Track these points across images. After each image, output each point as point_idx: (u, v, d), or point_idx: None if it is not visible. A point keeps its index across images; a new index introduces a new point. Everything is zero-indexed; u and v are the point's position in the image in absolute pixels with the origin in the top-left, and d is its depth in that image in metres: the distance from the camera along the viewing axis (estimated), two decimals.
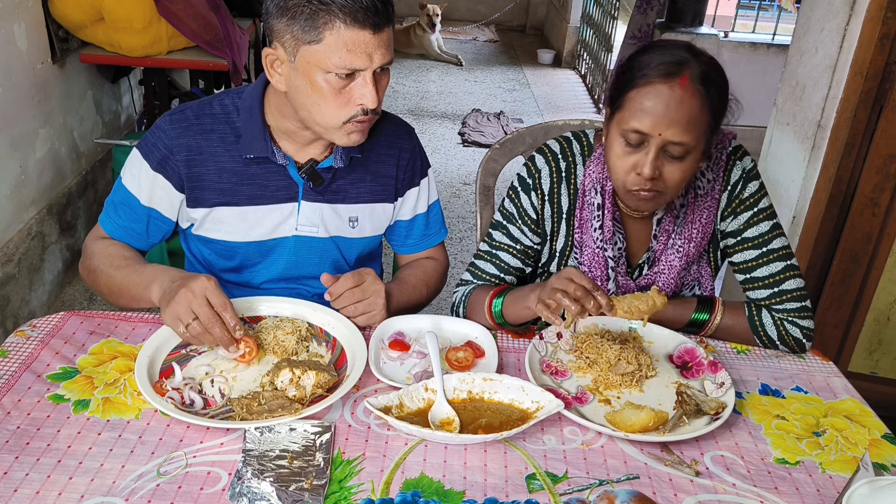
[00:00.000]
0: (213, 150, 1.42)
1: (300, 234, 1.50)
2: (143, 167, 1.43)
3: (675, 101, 1.23)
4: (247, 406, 1.17)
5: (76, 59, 3.16)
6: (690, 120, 1.24)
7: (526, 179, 1.50)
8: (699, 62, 1.25)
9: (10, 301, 2.69)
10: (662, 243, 1.47)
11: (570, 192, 1.49)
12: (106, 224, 1.48)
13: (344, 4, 1.20)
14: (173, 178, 1.42)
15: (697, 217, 1.45)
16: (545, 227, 1.52)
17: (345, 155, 1.45)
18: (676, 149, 1.26)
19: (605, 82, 5.80)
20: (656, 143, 1.26)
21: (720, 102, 1.28)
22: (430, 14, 7.04)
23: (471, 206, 4.12)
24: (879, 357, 2.51)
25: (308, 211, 1.48)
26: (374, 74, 1.28)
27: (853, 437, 1.23)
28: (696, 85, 1.23)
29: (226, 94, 1.45)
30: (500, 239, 1.53)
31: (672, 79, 1.23)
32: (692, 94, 1.23)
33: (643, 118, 1.25)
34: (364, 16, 1.21)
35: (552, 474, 1.10)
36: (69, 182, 3.16)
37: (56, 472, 1.04)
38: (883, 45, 2.12)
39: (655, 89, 1.24)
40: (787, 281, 1.44)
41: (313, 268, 1.53)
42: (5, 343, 1.30)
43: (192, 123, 1.41)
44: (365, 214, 1.54)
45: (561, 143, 1.51)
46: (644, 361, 1.33)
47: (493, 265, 1.53)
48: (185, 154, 1.41)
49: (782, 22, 5.18)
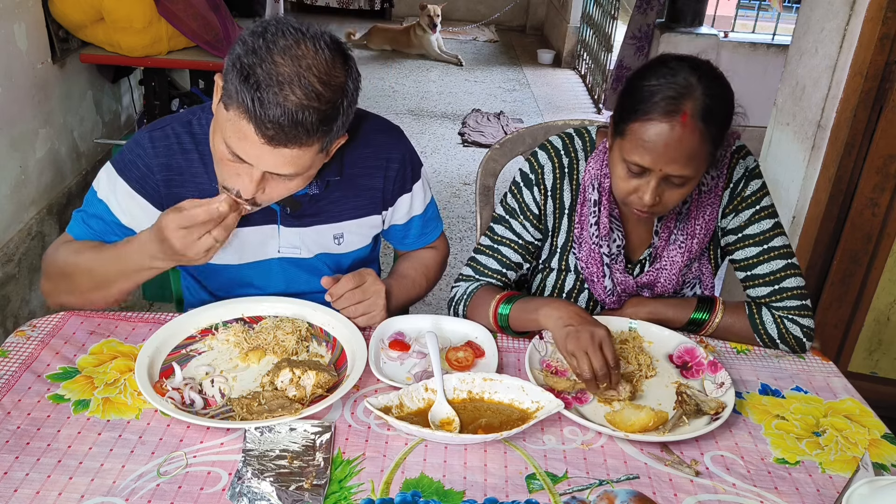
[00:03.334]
0: (193, 171, 1.35)
1: (284, 255, 1.45)
2: (120, 185, 1.35)
3: (675, 139, 1.23)
4: (247, 406, 1.17)
5: (76, 59, 3.16)
6: (691, 155, 1.24)
7: (528, 175, 1.50)
8: (703, 91, 1.22)
9: (10, 301, 2.69)
10: (664, 239, 1.48)
11: (573, 187, 1.50)
12: (80, 237, 1.37)
13: (253, 99, 1.09)
14: (153, 196, 1.35)
15: (700, 213, 1.45)
16: (547, 223, 1.52)
17: (321, 181, 1.38)
18: (677, 179, 1.27)
19: (605, 82, 5.80)
20: (657, 176, 1.27)
21: (721, 131, 1.27)
22: (430, 14, 7.04)
23: (471, 206, 4.12)
24: (879, 357, 2.51)
25: (288, 235, 1.43)
26: (263, 173, 1.18)
27: (853, 437, 1.23)
28: (696, 122, 1.22)
29: (201, 111, 1.37)
30: (502, 233, 1.52)
31: (672, 117, 1.22)
32: (692, 132, 1.22)
33: (644, 154, 1.25)
34: (261, 123, 1.10)
35: (552, 474, 1.10)
36: (69, 182, 3.16)
37: (56, 472, 1.04)
38: (883, 45, 2.12)
39: (656, 127, 1.23)
40: (787, 279, 1.44)
41: (304, 284, 1.49)
42: (5, 343, 1.30)
43: (173, 143, 1.35)
44: (350, 230, 1.48)
45: (563, 140, 1.51)
46: (644, 361, 1.33)
47: (495, 260, 1.53)
48: (164, 174, 1.34)
49: (782, 22, 5.17)
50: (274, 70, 1.09)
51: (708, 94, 1.23)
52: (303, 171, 1.20)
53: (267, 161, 1.16)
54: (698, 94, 1.22)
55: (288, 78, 1.10)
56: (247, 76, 1.10)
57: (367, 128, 1.46)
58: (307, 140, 1.14)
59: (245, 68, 1.10)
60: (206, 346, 1.33)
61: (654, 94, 1.23)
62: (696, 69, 1.25)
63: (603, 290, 1.51)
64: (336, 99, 1.15)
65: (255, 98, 1.09)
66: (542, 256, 1.57)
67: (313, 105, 1.11)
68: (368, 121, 1.47)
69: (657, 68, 1.26)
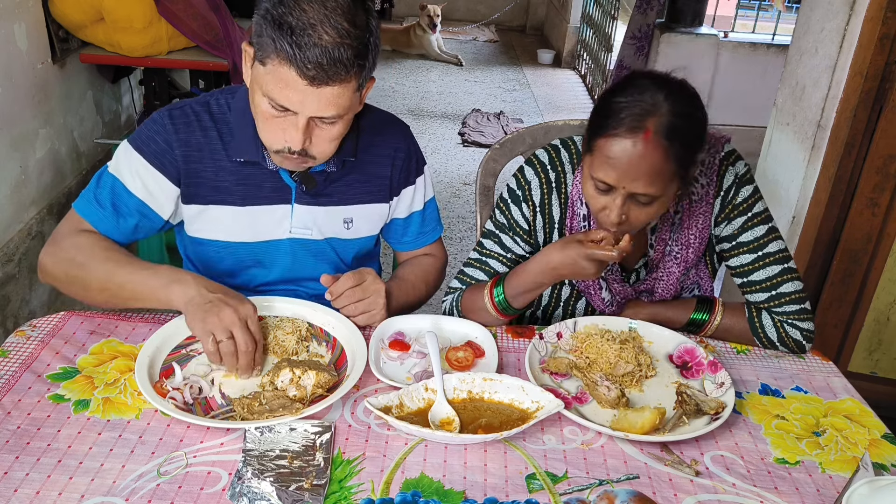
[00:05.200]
0: (212, 148, 1.41)
1: (294, 236, 1.49)
2: (135, 158, 1.39)
3: (638, 155, 1.22)
4: (248, 406, 1.17)
5: (76, 59, 3.16)
6: (653, 173, 1.24)
7: (516, 191, 1.50)
8: (669, 109, 1.22)
9: (10, 301, 2.69)
10: (660, 252, 1.47)
11: (561, 201, 1.49)
12: (91, 215, 1.40)
13: (291, 44, 1.17)
14: (170, 171, 1.39)
15: (693, 223, 1.44)
16: (537, 238, 1.52)
17: (338, 159, 1.44)
18: (643, 198, 1.27)
19: (605, 82, 5.80)
20: (622, 194, 1.27)
21: (687, 150, 1.26)
22: (430, 14, 7.04)
23: (471, 206, 4.12)
24: (879, 357, 2.51)
25: (301, 214, 1.47)
26: (309, 120, 1.25)
27: (853, 437, 1.23)
28: (659, 139, 1.21)
29: (221, 93, 1.45)
30: (491, 248, 1.52)
31: (636, 133, 1.22)
32: (654, 148, 1.22)
33: (608, 171, 1.26)
34: (302, 65, 1.17)
35: (552, 474, 1.10)
36: (69, 182, 3.16)
37: (56, 472, 1.04)
38: (883, 45, 2.12)
39: (620, 143, 1.23)
40: (784, 284, 1.43)
41: (310, 270, 1.52)
42: (5, 343, 1.30)
43: (192, 120, 1.40)
44: (360, 215, 1.53)
45: (549, 153, 1.50)
46: (644, 361, 1.33)
47: (483, 272, 1.52)
48: (184, 149, 1.39)
49: (782, 22, 5.17)
50: (304, 16, 1.17)
51: (674, 113, 1.22)
52: (344, 111, 1.26)
53: (311, 104, 1.22)
54: (664, 111, 1.22)
55: (318, 20, 1.18)
56: (280, 25, 1.17)
57: (377, 118, 1.53)
58: (346, 76, 1.21)
59: (277, 18, 1.18)
60: None
61: (621, 111, 1.24)
62: (665, 87, 1.24)
63: (601, 301, 1.51)
64: (364, 36, 1.22)
65: (292, 43, 1.17)
66: None
67: (346, 42, 1.19)
68: (377, 113, 1.54)
69: (626, 86, 1.27)
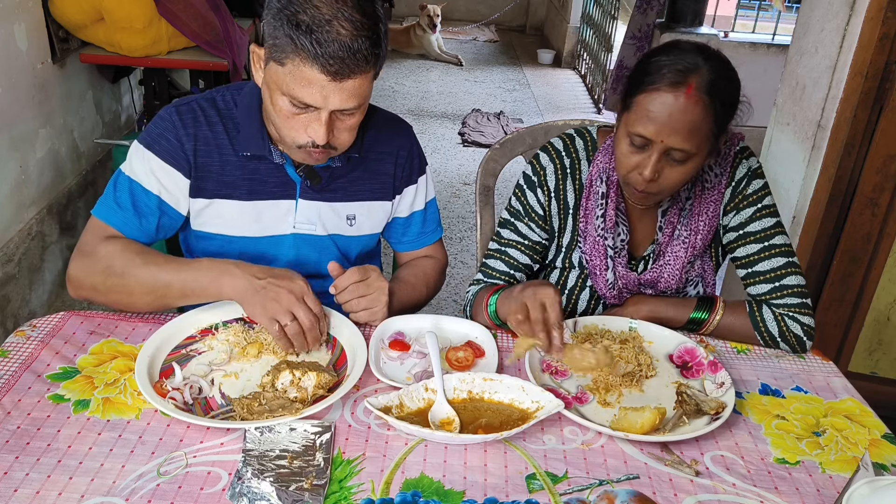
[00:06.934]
0: (218, 142, 1.42)
1: (298, 231, 1.50)
2: (150, 159, 1.40)
3: (679, 110, 1.26)
4: (247, 406, 1.17)
5: (76, 59, 3.16)
6: (693, 129, 1.27)
7: (531, 177, 1.53)
8: (709, 69, 1.27)
9: (10, 301, 2.69)
10: (668, 235, 1.49)
11: (576, 187, 1.52)
12: (114, 219, 1.39)
13: (311, 41, 1.18)
14: (182, 166, 1.41)
15: (704, 210, 1.47)
16: (552, 224, 1.54)
17: (343, 155, 1.45)
18: (678, 154, 1.30)
19: (605, 82, 5.80)
20: (659, 149, 1.29)
21: (725, 110, 1.31)
22: (430, 14, 7.04)
23: (471, 206, 4.12)
24: (879, 357, 2.51)
25: (305, 209, 1.48)
26: (331, 114, 1.27)
27: (853, 437, 1.23)
28: (700, 94, 1.26)
29: (226, 89, 1.46)
30: (509, 236, 1.55)
31: (678, 88, 1.26)
32: (696, 104, 1.26)
33: (647, 124, 1.28)
34: (324, 61, 1.19)
35: (552, 474, 1.10)
36: (69, 182, 3.16)
37: (56, 472, 1.04)
38: (883, 45, 2.12)
39: (661, 97, 1.27)
40: (787, 276, 1.44)
41: (313, 266, 1.53)
42: (5, 343, 1.30)
43: (199, 115, 1.42)
44: (363, 212, 1.54)
45: (564, 141, 1.53)
46: (644, 361, 1.34)
47: (503, 262, 1.54)
48: (193, 144, 1.41)
49: (782, 22, 5.17)
50: (317, 12, 1.19)
51: (714, 72, 1.27)
52: (364, 101, 1.30)
53: (334, 99, 1.24)
54: (705, 70, 1.27)
55: (333, 15, 1.19)
56: (297, 24, 1.19)
57: (381, 118, 1.55)
58: (366, 67, 1.24)
59: (291, 17, 1.19)
60: (206, 346, 1.33)
61: (662, 68, 1.28)
62: (705, 52, 1.29)
63: (605, 283, 1.51)
64: (375, 25, 1.24)
65: (312, 41, 1.18)
66: (548, 257, 1.58)
67: (363, 33, 1.21)
68: (381, 112, 1.56)
69: (668, 48, 1.31)
